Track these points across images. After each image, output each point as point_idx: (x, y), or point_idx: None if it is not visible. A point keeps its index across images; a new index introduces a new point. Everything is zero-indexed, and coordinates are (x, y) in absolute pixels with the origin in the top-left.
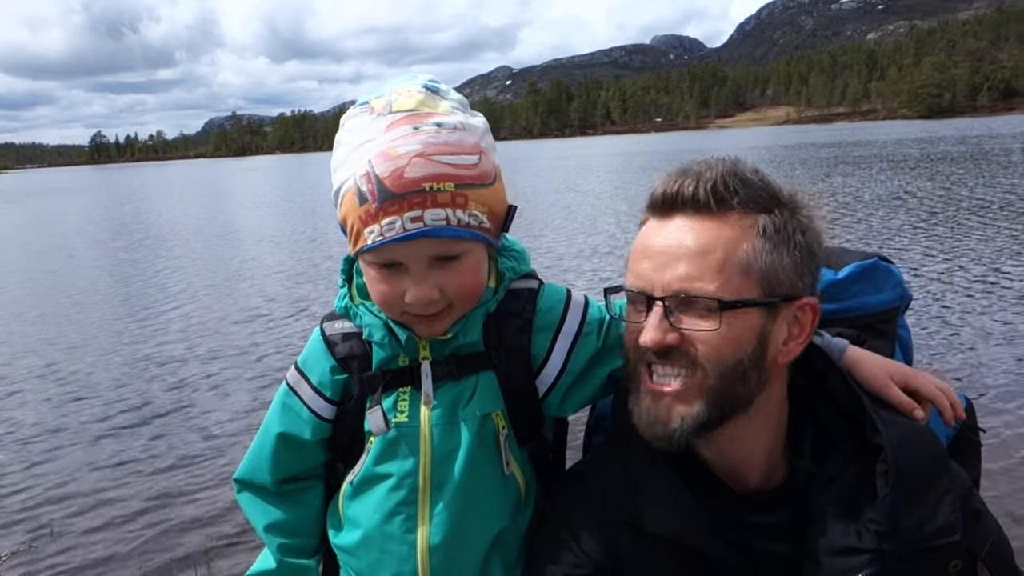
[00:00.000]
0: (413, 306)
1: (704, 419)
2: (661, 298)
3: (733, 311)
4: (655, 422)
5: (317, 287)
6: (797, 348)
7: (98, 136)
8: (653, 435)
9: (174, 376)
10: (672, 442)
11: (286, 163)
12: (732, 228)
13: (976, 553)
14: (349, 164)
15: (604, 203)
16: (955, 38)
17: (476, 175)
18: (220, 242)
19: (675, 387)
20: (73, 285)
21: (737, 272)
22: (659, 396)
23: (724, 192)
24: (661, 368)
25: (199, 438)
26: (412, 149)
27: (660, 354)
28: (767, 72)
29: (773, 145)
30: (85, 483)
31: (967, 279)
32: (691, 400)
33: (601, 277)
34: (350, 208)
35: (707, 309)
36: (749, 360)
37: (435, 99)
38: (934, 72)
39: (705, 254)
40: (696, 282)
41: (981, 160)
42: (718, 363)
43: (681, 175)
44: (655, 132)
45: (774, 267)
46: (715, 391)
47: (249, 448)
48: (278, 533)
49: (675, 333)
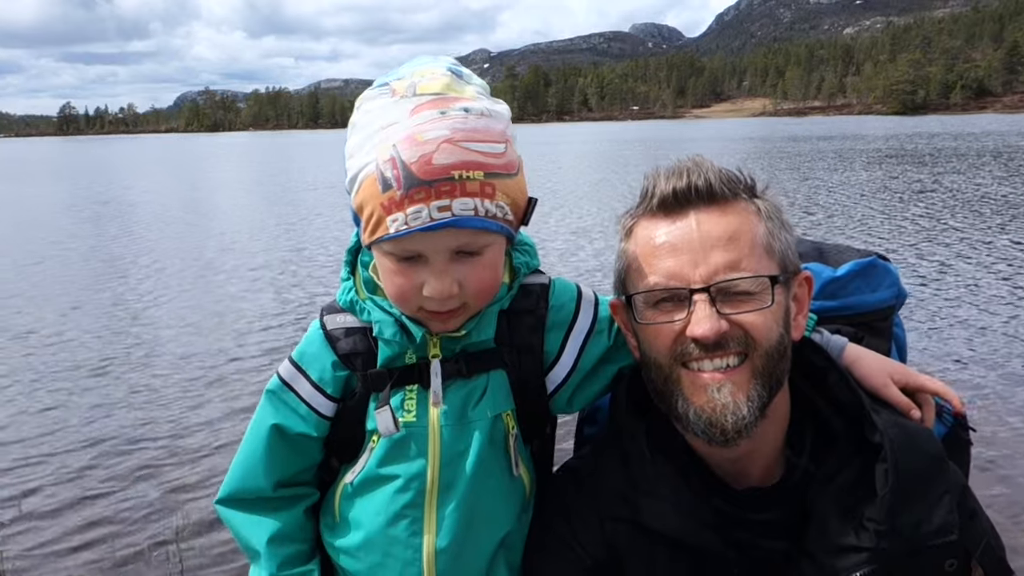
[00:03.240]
0: (430, 301)
1: (765, 401)
2: (704, 289)
3: (777, 287)
4: (724, 412)
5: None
6: (802, 321)
7: (67, 107)
8: (724, 428)
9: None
10: (744, 431)
11: (260, 140)
12: (744, 214)
13: (971, 552)
14: (369, 148)
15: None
16: (930, 36)
17: (503, 164)
18: (193, 228)
19: (734, 375)
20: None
21: (764, 253)
22: (721, 384)
23: (729, 182)
24: (710, 362)
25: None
26: (440, 135)
27: (708, 346)
28: (744, 63)
29: (754, 136)
30: (51, 472)
31: (947, 274)
32: (747, 383)
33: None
34: (370, 194)
35: (750, 292)
36: (783, 336)
37: (460, 83)
38: (909, 69)
39: (734, 240)
40: (736, 268)
41: (955, 158)
42: (768, 341)
43: (680, 172)
44: (632, 120)
45: (783, 245)
46: (766, 371)
47: (232, 463)
48: (280, 544)
49: (725, 320)
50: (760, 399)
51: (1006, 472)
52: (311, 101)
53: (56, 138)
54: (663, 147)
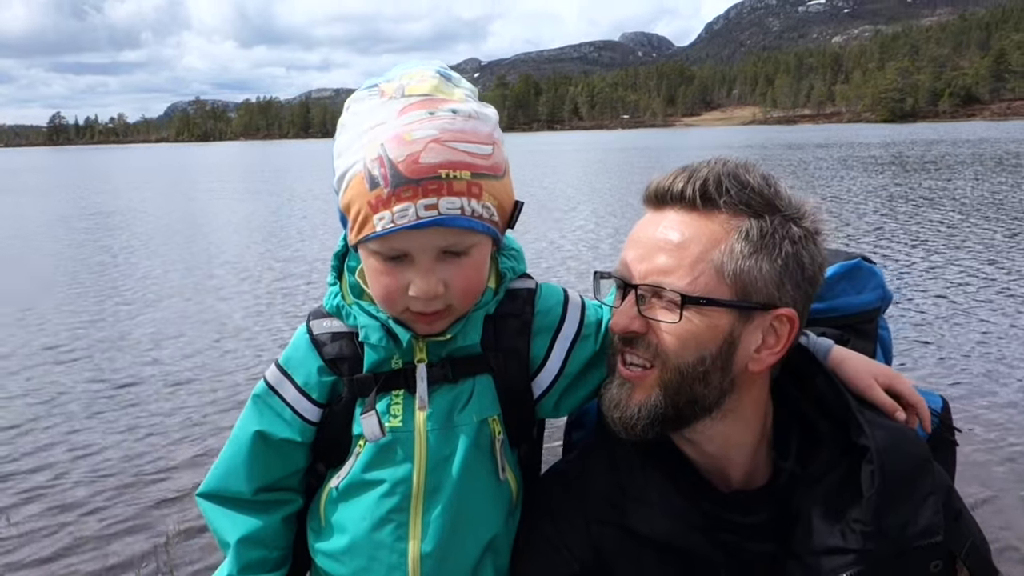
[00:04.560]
0: (416, 301)
1: (661, 412)
2: (635, 286)
3: (696, 307)
4: (615, 406)
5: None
6: (770, 358)
7: (57, 117)
8: (611, 419)
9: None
10: (629, 430)
11: (252, 150)
12: (716, 227)
13: (956, 553)
14: (358, 147)
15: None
16: (918, 44)
17: (490, 165)
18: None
19: (636, 374)
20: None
21: (709, 270)
22: (623, 382)
23: (712, 191)
24: (627, 355)
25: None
26: (428, 134)
27: (626, 341)
28: (734, 72)
29: (751, 144)
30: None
31: (935, 278)
32: (649, 390)
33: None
34: (358, 193)
35: (671, 302)
36: (712, 361)
37: (449, 85)
38: (897, 77)
39: (682, 249)
40: (668, 274)
41: (958, 164)
42: (676, 357)
43: (679, 171)
44: (622, 129)
45: (751, 272)
46: (672, 386)
47: (217, 459)
48: (250, 546)
49: (641, 320)
50: (656, 410)
51: (992, 471)
52: (302, 110)
53: (46, 148)
54: (657, 155)
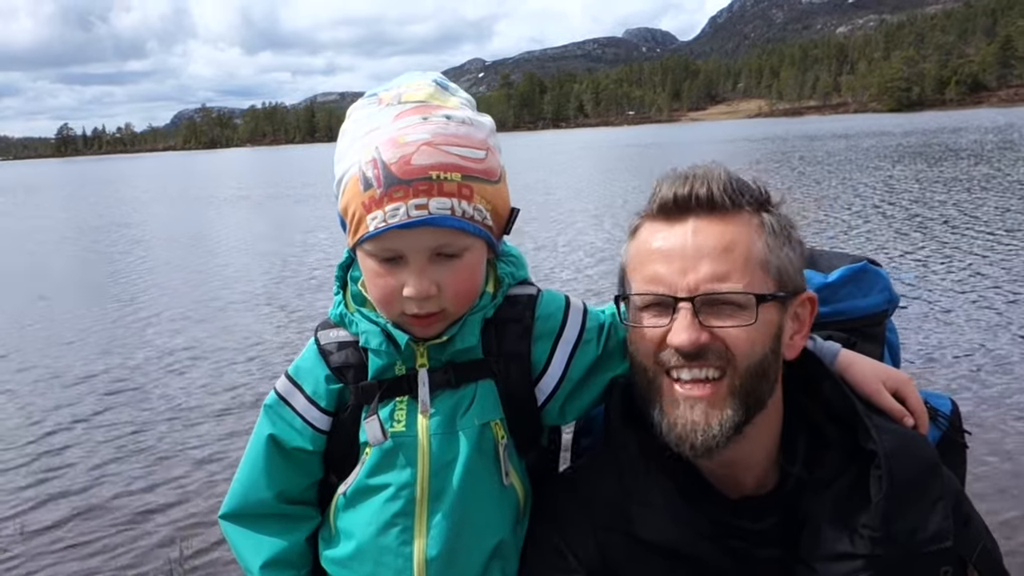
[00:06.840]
0: (410, 303)
1: (740, 419)
2: (689, 298)
3: (764, 305)
4: (694, 430)
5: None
6: (800, 342)
7: (64, 128)
8: (693, 444)
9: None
10: (713, 451)
11: (259, 156)
12: (745, 227)
13: (966, 558)
14: (354, 152)
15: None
16: (923, 32)
17: (482, 169)
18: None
19: (708, 391)
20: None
21: (758, 268)
22: (694, 401)
23: (735, 193)
24: (688, 371)
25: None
26: (420, 138)
27: (689, 356)
28: (739, 65)
29: (758, 137)
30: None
31: (945, 278)
32: (725, 401)
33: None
34: (353, 194)
35: (738, 305)
36: (771, 355)
37: (445, 94)
38: (903, 66)
39: (727, 252)
40: (725, 280)
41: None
42: (747, 359)
43: (686, 178)
44: (628, 125)
45: (784, 262)
46: (744, 389)
47: (234, 479)
48: (275, 569)
49: (707, 332)
50: (734, 419)
51: (1003, 475)
52: (307, 115)
53: (55, 160)
54: (663, 151)
